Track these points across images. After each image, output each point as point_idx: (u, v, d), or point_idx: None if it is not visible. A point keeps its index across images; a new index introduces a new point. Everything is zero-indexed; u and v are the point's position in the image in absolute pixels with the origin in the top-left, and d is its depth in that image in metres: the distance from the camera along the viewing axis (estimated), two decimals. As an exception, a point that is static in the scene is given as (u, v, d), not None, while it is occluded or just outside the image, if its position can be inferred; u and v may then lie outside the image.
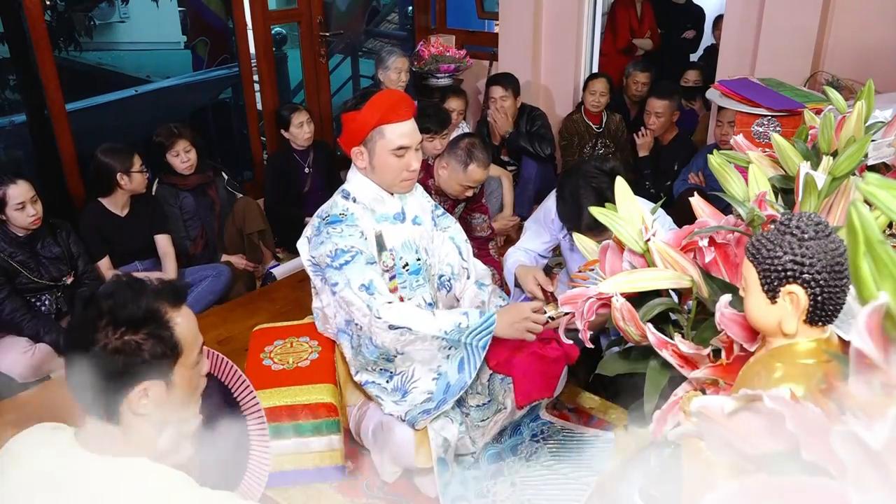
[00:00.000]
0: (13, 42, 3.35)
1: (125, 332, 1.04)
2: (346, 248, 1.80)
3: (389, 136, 1.81)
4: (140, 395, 1.05)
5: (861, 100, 1.57)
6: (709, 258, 1.29)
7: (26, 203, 2.56)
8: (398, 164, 1.84)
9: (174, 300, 1.10)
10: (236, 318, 2.87)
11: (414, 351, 1.80)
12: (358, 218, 1.87)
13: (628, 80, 4.23)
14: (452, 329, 1.77)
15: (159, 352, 1.06)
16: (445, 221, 2.13)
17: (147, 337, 1.05)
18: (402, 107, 1.82)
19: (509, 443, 2.03)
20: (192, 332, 1.12)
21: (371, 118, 1.79)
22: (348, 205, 1.89)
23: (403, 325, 1.75)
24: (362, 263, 1.79)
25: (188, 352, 1.11)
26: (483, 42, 4.71)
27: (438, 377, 1.83)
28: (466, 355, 1.81)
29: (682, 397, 1.16)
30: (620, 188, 1.41)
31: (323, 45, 4.18)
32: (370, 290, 1.77)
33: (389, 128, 1.80)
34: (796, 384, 0.88)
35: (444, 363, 1.82)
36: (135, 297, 1.06)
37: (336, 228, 1.83)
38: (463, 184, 2.65)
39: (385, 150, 1.82)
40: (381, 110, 1.79)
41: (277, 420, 1.84)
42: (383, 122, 1.80)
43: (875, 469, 0.50)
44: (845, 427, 0.52)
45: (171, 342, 1.07)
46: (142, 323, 1.05)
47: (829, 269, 0.90)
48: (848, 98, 1.76)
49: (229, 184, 3.44)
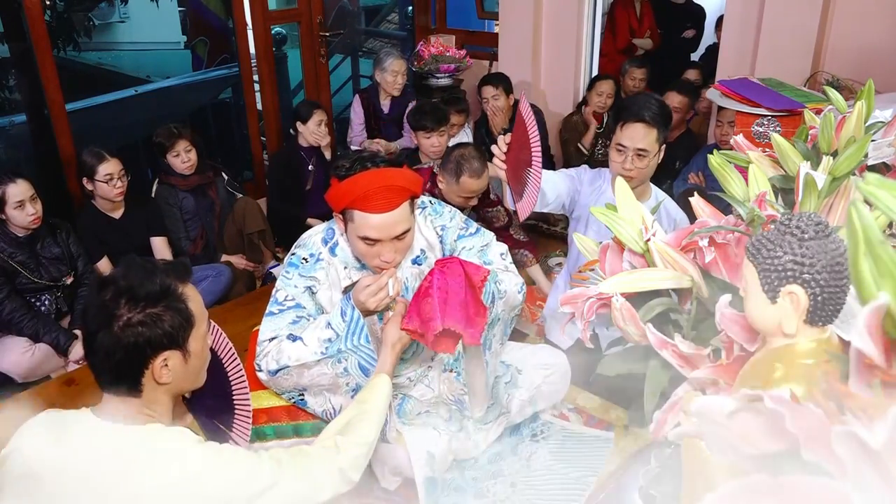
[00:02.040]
0: (13, 42, 3.35)
1: (146, 307, 1.13)
2: (282, 298, 1.75)
3: (359, 222, 1.65)
4: (161, 364, 1.16)
5: (861, 100, 1.57)
6: (709, 258, 1.29)
7: (25, 202, 2.56)
8: (369, 251, 1.68)
9: (182, 276, 1.21)
10: (236, 318, 2.87)
11: (312, 385, 1.74)
12: (321, 268, 1.77)
13: (625, 76, 4.24)
14: (326, 346, 1.67)
15: (178, 322, 1.16)
16: (480, 241, 1.95)
17: (166, 309, 1.15)
18: (379, 198, 1.61)
19: (509, 443, 2.03)
20: (200, 304, 1.23)
21: (345, 195, 1.64)
22: (322, 251, 1.78)
23: (280, 365, 1.68)
24: (286, 321, 1.73)
25: (200, 322, 1.22)
26: (483, 42, 4.71)
27: (353, 391, 1.73)
28: (358, 357, 1.69)
29: (682, 397, 1.16)
30: (620, 188, 1.41)
31: (323, 45, 4.18)
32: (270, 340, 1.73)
33: (359, 214, 1.64)
34: (796, 384, 0.88)
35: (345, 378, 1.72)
36: (149, 275, 1.16)
37: (288, 273, 1.77)
38: (460, 195, 2.62)
39: (354, 233, 1.68)
40: (355, 195, 1.62)
41: (277, 420, 1.84)
42: (354, 207, 1.64)
43: (875, 469, 0.50)
44: (845, 427, 0.52)
45: (187, 313, 1.18)
46: (160, 297, 1.15)
47: (829, 269, 0.90)
48: (848, 98, 1.76)
49: (229, 184, 3.44)
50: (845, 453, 0.52)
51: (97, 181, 2.85)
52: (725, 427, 0.74)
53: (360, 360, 1.70)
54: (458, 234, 1.94)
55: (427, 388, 1.95)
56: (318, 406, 1.80)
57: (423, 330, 1.62)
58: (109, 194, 2.88)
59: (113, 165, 2.85)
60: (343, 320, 1.68)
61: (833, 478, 0.55)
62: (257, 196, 3.72)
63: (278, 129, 4.12)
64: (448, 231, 1.93)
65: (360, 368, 1.70)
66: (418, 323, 1.63)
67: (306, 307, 1.76)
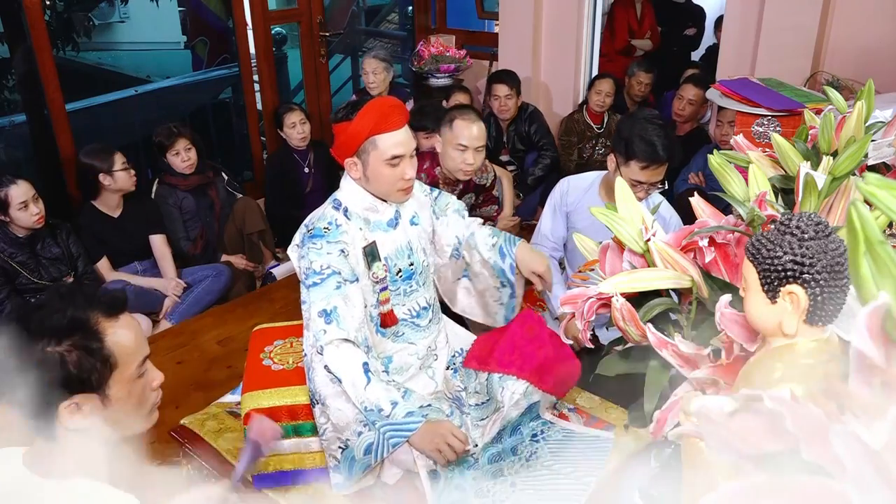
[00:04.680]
0: (13, 42, 3.35)
1: (48, 344, 0.98)
2: (319, 268, 1.74)
3: (382, 146, 1.75)
4: (71, 410, 0.99)
5: (861, 100, 1.57)
6: (709, 258, 1.29)
7: (29, 202, 2.58)
8: (393, 174, 1.78)
9: (109, 310, 1.04)
10: (236, 318, 2.87)
11: (333, 408, 1.74)
12: (344, 231, 1.81)
13: (631, 79, 4.23)
14: (372, 409, 1.67)
15: (87, 365, 0.99)
16: (444, 200, 2.09)
17: (72, 348, 0.98)
18: (395, 115, 1.75)
19: (509, 443, 2.03)
20: (131, 342, 1.05)
21: (363, 128, 1.73)
22: (337, 216, 1.83)
23: (337, 373, 1.69)
24: (331, 288, 1.73)
25: (125, 364, 1.04)
26: (483, 42, 4.71)
27: (345, 449, 1.77)
28: (377, 441, 1.71)
29: (682, 397, 1.16)
30: (620, 188, 1.41)
31: (323, 45, 4.18)
32: (328, 319, 1.70)
33: (382, 138, 1.74)
34: (796, 384, 0.88)
35: (352, 438, 1.74)
36: (62, 307, 1.00)
37: (316, 244, 1.77)
38: (457, 147, 2.54)
39: (379, 160, 1.76)
40: (373, 120, 1.73)
41: (277, 420, 1.84)
42: (375, 132, 1.74)
43: (875, 469, 0.50)
44: (845, 427, 0.52)
45: (102, 354, 1.01)
46: (66, 333, 0.99)
47: (829, 269, 0.90)
48: (848, 98, 1.76)
49: (229, 184, 3.44)
50: (845, 453, 0.52)
51: (115, 172, 2.90)
52: (725, 427, 0.73)
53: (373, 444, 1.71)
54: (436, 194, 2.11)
55: (430, 381, 1.97)
56: (322, 418, 1.80)
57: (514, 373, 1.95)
58: (127, 183, 2.95)
59: (121, 156, 2.92)
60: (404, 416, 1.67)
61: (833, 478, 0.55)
62: (257, 196, 3.72)
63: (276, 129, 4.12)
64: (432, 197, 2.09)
65: (366, 445, 1.72)
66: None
67: (343, 271, 1.77)
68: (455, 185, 2.74)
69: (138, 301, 2.91)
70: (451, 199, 2.12)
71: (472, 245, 2.06)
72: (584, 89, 4.24)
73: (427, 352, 1.99)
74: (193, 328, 2.83)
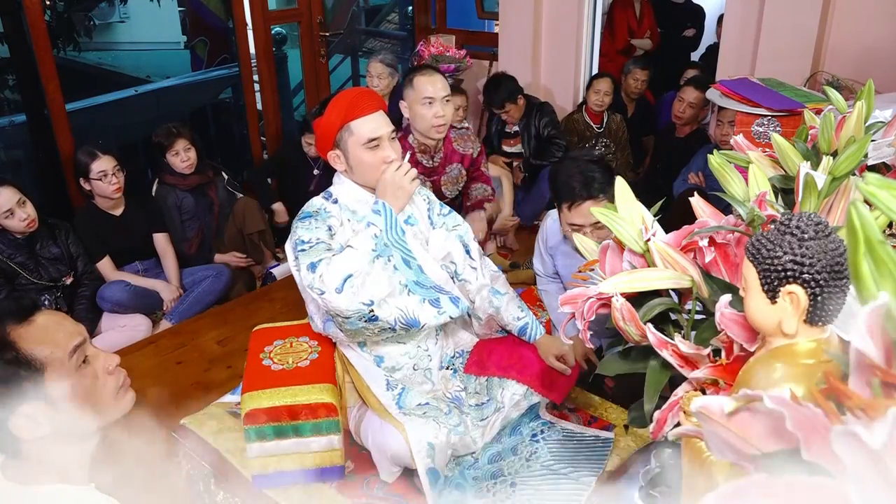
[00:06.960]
0: (13, 42, 3.35)
1: None
2: (308, 239, 1.78)
3: (358, 131, 1.80)
4: (22, 423, 0.98)
5: (861, 100, 1.57)
6: (709, 258, 1.29)
7: (14, 209, 2.53)
8: (373, 157, 1.81)
9: (16, 317, 1.02)
10: (236, 318, 2.87)
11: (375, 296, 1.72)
12: (332, 216, 1.85)
13: (627, 77, 4.23)
14: (374, 243, 1.75)
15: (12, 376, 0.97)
16: (452, 221, 2.08)
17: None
18: (364, 101, 1.80)
19: (509, 443, 2.03)
20: (51, 341, 1.02)
21: (335, 118, 1.80)
22: (326, 204, 1.88)
23: (345, 274, 1.68)
24: (320, 251, 1.75)
25: (54, 361, 1.01)
26: (483, 42, 4.71)
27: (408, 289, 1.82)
28: (400, 251, 1.80)
29: (682, 397, 1.16)
30: (620, 188, 1.41)
31: (323, 45, 4.18)
32: (315, 267, 1.70)
33: (356, 123, 1.80)
34: (796, 384, 0.88)
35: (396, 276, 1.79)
36: None
37: (304, 223, 1.82)
38: (423, 103, 2.48)
39: (357, 146, 1.81)
40: (343, 108, 1.79)
41: (277, 420, 1.84)
42: (348, 118, 1.79)
43: (875, 469, 0.50)
44: (845, 427, 0.52)
45: (21, 361, 0.99)
46: None
47: (829, 269, 0.90)
48: (848, 98, 1.76)
49: (229, 184, 3.44)
50: (845, 453, 0.52)
51: (92, 180, 2.85)
52: (725, 427, 0.74)
53: (402, 255, 1.81)
54: (446, 210, 2.09)
55: (426, 381, 1.97)
56: (389, 315, 1.78)
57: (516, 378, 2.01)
58: (106, 191, 2.88)
59: (105, 162, 2.85)
60: (379, 216, 1.78)
61: (833, 478, 0.55)
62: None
63: (278, 130, 4.12)
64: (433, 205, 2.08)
65: (404, 262, 1.80)
66: None
67: (331, 246, 1.80)
68: (434, 152, 2.67)
69: (138, 301, 2.91)
70: (459, 220, 2.09)
71: (498, 311, 2.05)
72: (583, 89, 4.23)
73: (418, 351, 1.99)
74: (193, 328, 2.83)
